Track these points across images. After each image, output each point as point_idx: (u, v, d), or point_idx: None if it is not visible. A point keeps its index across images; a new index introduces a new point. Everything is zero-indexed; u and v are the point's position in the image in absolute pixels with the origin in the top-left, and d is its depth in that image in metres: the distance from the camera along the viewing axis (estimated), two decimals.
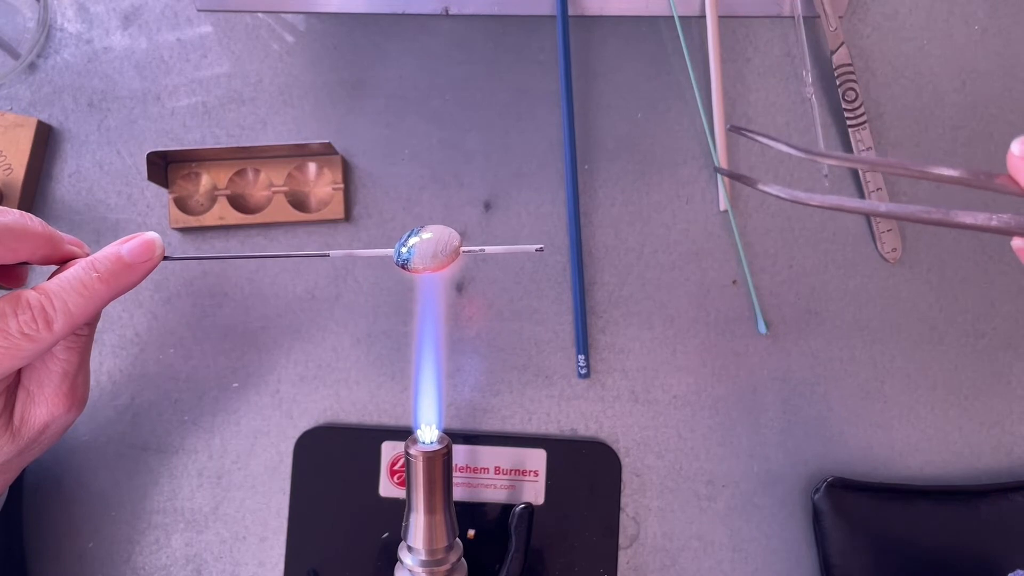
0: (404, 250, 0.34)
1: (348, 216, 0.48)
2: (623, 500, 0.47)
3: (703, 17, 0.48)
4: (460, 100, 0.49)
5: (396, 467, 0.47)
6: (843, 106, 0.48)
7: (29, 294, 0.31)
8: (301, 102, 0.49)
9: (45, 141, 0.48)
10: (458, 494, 0.46)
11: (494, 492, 0.47)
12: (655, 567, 0.47)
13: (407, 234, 0.34)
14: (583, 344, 0.47)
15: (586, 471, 0.47)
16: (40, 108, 0.49)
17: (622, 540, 0.47)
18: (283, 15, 0.49)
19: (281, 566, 0.47)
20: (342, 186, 0.48)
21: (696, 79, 0.48)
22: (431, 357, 0.40)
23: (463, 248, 0.34)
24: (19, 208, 0.47)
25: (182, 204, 0.48)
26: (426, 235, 0.34)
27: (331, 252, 0.35)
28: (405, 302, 0.48)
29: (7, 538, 0.44)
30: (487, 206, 0.49)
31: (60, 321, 0.31)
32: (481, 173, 0.49)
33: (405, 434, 0.41)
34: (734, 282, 0.48)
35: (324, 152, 0.48)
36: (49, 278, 0.33)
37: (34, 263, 0.34)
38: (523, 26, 0.49)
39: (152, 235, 0.34)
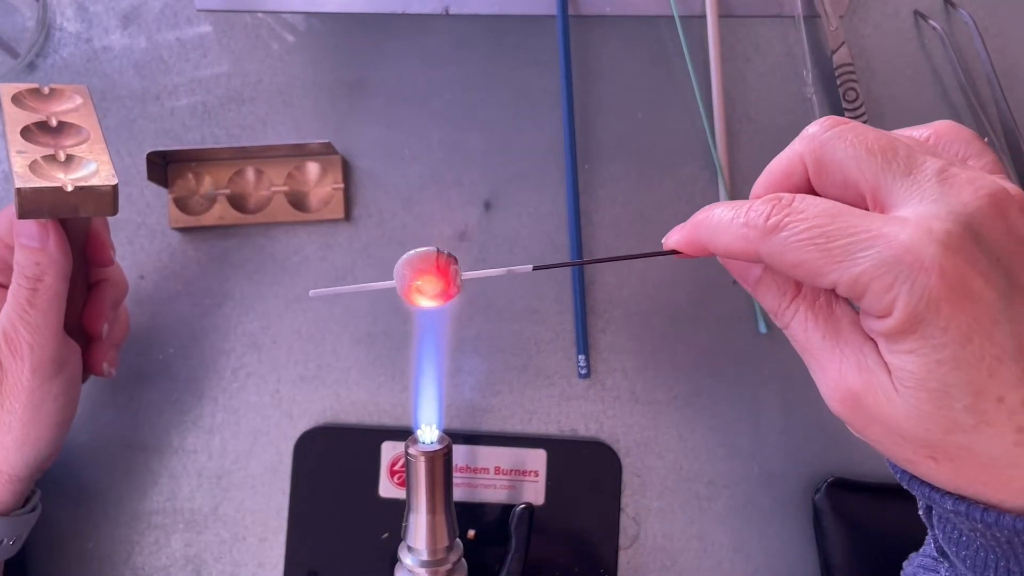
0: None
1: (348, 216, 0.48)
2: (623, 500, 0.47)
3: (703, 17, 0.48)
4: (460, 100, 0.49)
5: (396, 467, 0.47)
6: (844, 106, 0.48)
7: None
8: (301, 102, 0.49)
9: None
10: (458, 494, 0.46)
11: (494, 492, 0.47)
12: (655, 567, 0.47)
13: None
14: (583, 344, 0.47)
15: (586, 471, 0.47)
16: None
17: (622, 540, 0.47)
18: (283, 15, 0.49)
19: (281, 566, 0.46)
20: (342, 186, 0.48)
21: (696, 79, 0.48)
22: (431, 357, 0.40)
23: (464, 274, 0.33)
24: None
25: (182, 204, 0.48)
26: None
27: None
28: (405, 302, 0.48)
29: None
30: (487, 206, 0.49)
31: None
32: (481, 173, 0.49)
33: (405, 434, 0.41)
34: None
35: (324, 152, 0.47)
36: None
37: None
38: (523, 26, 0.49)
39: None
